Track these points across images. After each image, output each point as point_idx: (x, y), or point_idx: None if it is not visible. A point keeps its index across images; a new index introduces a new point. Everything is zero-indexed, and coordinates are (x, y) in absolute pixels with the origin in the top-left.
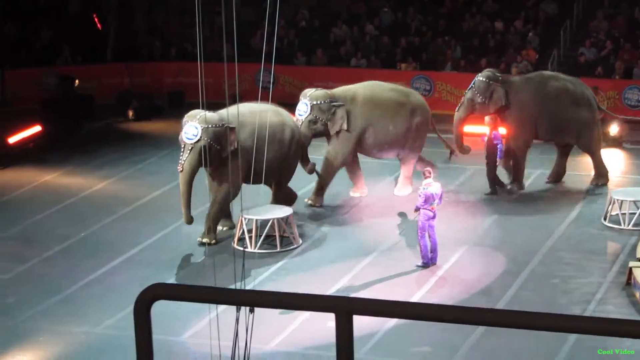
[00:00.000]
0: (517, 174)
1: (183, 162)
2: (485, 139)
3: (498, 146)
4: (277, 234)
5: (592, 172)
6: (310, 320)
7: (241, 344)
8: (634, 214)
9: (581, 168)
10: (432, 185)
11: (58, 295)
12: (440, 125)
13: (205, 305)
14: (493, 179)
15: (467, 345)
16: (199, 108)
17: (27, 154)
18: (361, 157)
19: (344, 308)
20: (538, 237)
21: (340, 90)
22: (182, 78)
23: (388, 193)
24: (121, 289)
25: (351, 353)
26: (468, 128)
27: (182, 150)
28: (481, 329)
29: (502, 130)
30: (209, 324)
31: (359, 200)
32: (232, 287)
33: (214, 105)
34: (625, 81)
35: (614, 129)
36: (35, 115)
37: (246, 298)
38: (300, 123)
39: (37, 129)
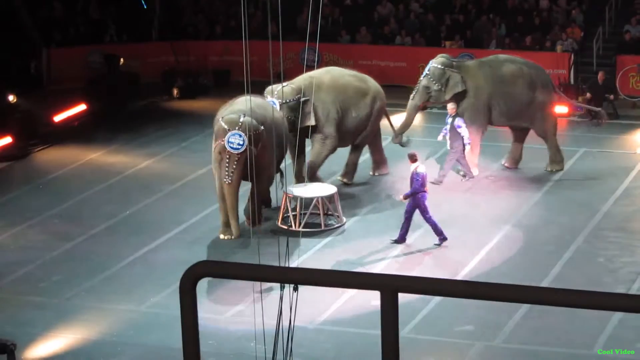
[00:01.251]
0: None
1: (231, 173)
2: (448, 126)
3: (461, 133)
4: (321, 212)
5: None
6: (353, 299)
7: (285, 322)
8: None
9: (627, 146)
10: (421, 167)
11: (103, 273)
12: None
13: (248, 285)
14: (465, 164)
15: (511, 324)
16: (244, 87)
17: (73, 132)
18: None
19: (390, 286)
20: (582, 216)
21: (302, 80)
22: (227, 57)
23: (431, 173)
24: (165, 267)
25: (396, 331)
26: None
27: (226, 160)
28: (525, 307)
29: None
30: (252, 302)
31: (403, 180)
32: (277, 265)
33: (258, 83)
34: None
35: None
36: (80, 93)
37: (292, 276)
38: None
39: (82, 107)
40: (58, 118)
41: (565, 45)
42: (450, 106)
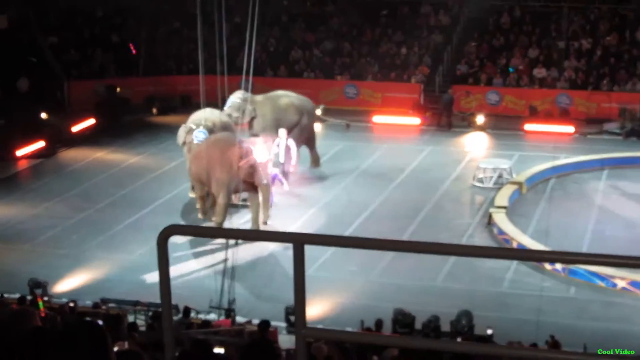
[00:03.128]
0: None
1: (266, 176)
2: (280, 145)
3: (291, 149)
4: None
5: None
6: (277, 250)
7: (229, 265)
8: (493, 176)
9: (459, 146)
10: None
11: (106, 234)
12: (362, 116)
13: (205, 240)
14: (289, 171)
15: (382, 265)
16: (200, 107)
17: (85, 138)
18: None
19: (299, 240)
20: (428, 192)
21: (211, 119)
22: (189, 86)
23: (320, 170)
24: (148, 229)
25: (303, 271)
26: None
27: (259, 169)
28: (391, 254)
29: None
30: (209, 251)
31: (303, 174)
32: (224, 227)
33: (209, 104)
34: (488, 87)
35: (480, 119)
36: (90, 112)
37: (233, 233)
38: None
39: (91, 121)
40: (75, 129)
41: (417, 78)
42: (283, 132)
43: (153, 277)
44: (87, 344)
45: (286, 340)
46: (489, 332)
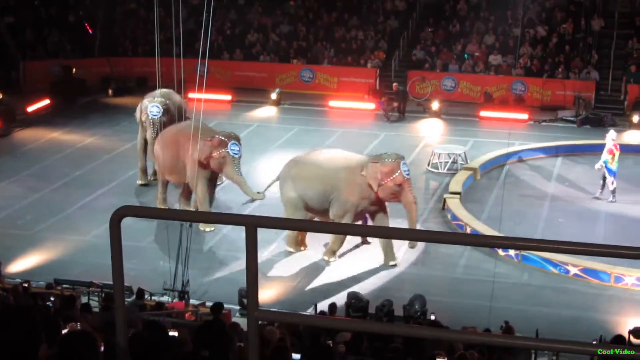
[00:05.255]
0: None
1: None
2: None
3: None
4: None
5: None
6: (230, 233)
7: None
8: (448, 162)
9: (413, 131)
10: None
11: (60, 214)
12: (317, 100)
13: (159, 223)
14: None
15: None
16: (157, 88)
17: (40, 119)
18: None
19: (251, 223)
20: None
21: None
22: (145, 68)
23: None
24: (103, 210)
25: (256, 254)
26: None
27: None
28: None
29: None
30: (162, 234)
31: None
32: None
33: (166, 86)
34: (443, 73)
35: (435, 105)
36: (45, 92)
37: (187, 216)
38: None
39: (46, 102)
40: (30, 109)
41: (373, 63)
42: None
43: (107, 258)
44: (13, 327)
45: (239, 323)
46: (432, 317)
